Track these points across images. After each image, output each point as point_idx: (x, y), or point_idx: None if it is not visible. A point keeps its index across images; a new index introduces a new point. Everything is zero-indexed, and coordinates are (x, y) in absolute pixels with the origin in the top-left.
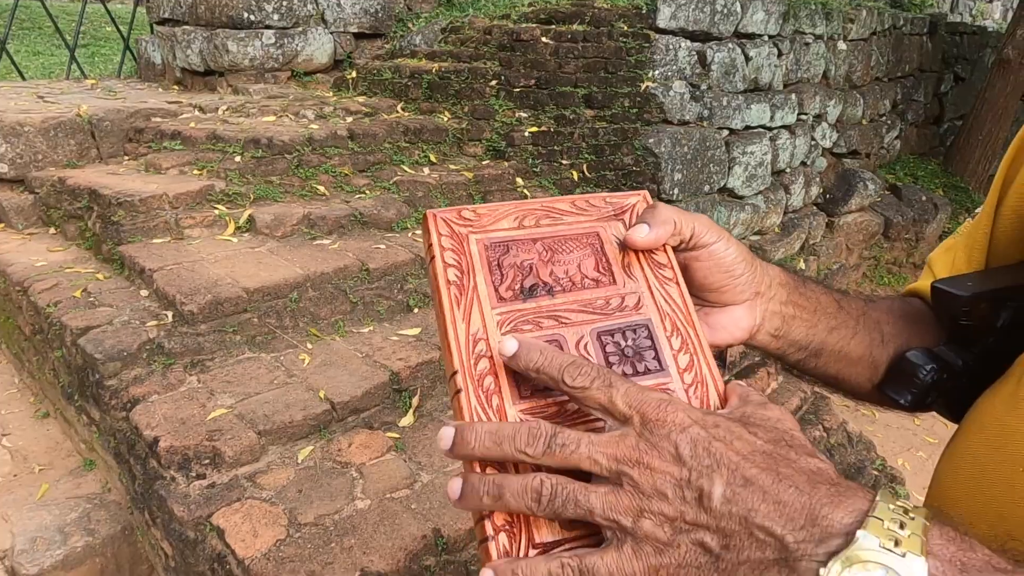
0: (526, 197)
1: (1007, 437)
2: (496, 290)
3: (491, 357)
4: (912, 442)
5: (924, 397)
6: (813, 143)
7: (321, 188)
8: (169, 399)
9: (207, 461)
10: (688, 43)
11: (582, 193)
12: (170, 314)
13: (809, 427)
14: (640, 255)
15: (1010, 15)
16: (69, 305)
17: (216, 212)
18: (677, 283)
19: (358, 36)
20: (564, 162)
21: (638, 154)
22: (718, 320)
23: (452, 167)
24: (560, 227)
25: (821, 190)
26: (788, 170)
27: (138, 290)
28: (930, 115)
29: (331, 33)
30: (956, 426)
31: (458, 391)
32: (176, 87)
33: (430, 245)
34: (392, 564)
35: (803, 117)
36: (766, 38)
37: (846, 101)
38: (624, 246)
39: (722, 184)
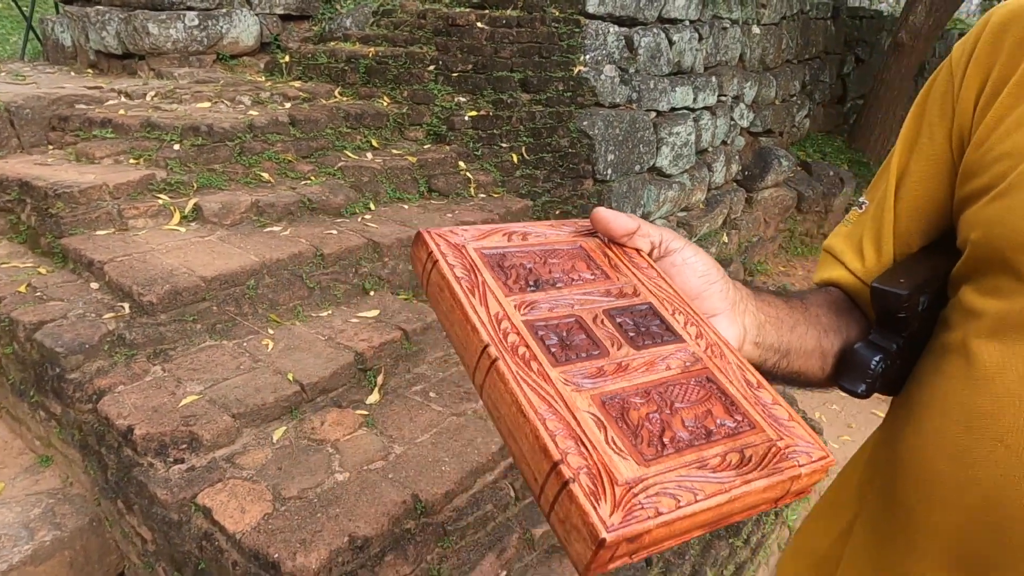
0: (469, 180)
1: (979, 418)
2: (504, 283)
3: (518, 332)
4: (826, 397)
5: (875, 384)
6: (732, 123)
7: (266, 175)
8: (136, 389)
9: (184, 445)
10: (616, 28)
11: (522, 175)
12: (127, 305)
13: None
14: (623, 260)
15: (903, 0)
16: (16, 300)
17: (160, 202)
18: (662, 278)
19: (284, 18)
20: (504, 145)
21: (573, 136)
22: None
23: (395, 152)
24: (545, 241)
25: (740, 167)
26: (710, 149)
27: (87, 283)
28: (835, 95)
29: (256, 15)
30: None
31: (494, 360)
32: (91, 71)
33: (429, 253)
34: (377, 528)
35: (723, 98)
36: (687, 23)
37: (761, 83)
38: (606, 249)
39: (651, 164)
